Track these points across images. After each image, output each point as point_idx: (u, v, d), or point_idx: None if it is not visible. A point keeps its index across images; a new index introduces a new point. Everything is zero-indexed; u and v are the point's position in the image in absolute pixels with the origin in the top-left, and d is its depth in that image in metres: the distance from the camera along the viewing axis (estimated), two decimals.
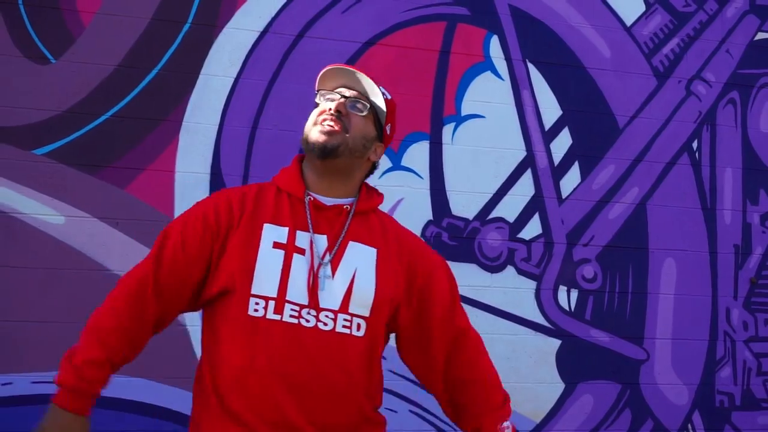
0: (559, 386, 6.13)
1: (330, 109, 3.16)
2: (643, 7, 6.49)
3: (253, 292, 3.03)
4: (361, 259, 3.12)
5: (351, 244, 3.13)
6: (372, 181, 5.81)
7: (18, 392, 5.26)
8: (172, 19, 5.60)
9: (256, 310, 3.02)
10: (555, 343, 6.14)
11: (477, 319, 5.97)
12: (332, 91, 3.25)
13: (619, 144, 6.35)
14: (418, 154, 5.96)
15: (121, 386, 5.34)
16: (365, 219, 3.22)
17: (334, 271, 3.07)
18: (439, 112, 6.03)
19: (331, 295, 3.05)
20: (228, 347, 3.05)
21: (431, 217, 5.94)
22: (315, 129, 3.14)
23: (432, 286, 3.27)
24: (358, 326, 3.08)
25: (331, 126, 3.13)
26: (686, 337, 6.37)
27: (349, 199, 3.23)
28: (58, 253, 5.35)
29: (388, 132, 3.36)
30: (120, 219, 5.44)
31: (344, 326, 3.05)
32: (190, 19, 5.63)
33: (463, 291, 5.81)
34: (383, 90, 3.29)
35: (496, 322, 6.03)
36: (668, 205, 6.39)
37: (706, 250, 6.46)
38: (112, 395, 5.35)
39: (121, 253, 5.42)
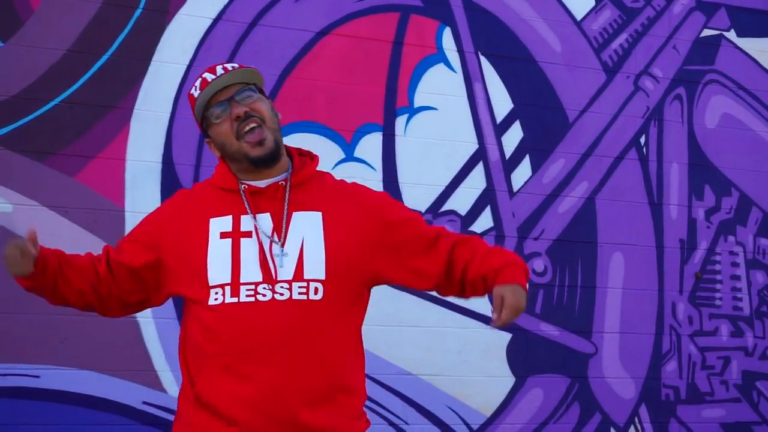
0: (509, 380, 6.12)
1: (238, 117, 3.14)
2: (592, 2, 6.52)
3: (210, 284, 3.11)
4: (307, 226, 3.16)
5: (295, 214, 3.17)
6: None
7: None
8: (123, 4, 5.48)
9: (216, 299, 3.09)
10: (505, 337, 6.13)
11: (428, 312, 5.95)
12: (217, 103, 3.19)
13: (569, 138, 6.37)
14: (370, 146, 5.92)
15: (72, 379, 5.22)
16: (304, 187, 3.23)
17: (282, 243, 3.12)
18: (392, 104, 5.99)
19: (283, 267, 3.10)
20: (196, 337, 3.14)
21: None
22: (244, 145, 3.14)
23: (391, 229, 3.24)
24: (315, 290, 3.10)
25: (256, 132, 3.14)
26: (633, 331, 6.40)
27: (283, 174, 3.22)
28: (5, 241, 5.18)
29: (261, 83, 3.34)
30: (69, 207, 5.31)
31: (300, 293, 3.08)
32: (141, 5, 5.52)
33: None
34: (232, 65, 3.25)
35: (447, 315, 6.00)
36: (617, 200, 6.42)
37: (653, 244, 6.50)
38: (63, 389, 5.22)
39: (70, 241, 5.26)
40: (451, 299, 5.88)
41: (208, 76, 3.19)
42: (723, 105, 6.78)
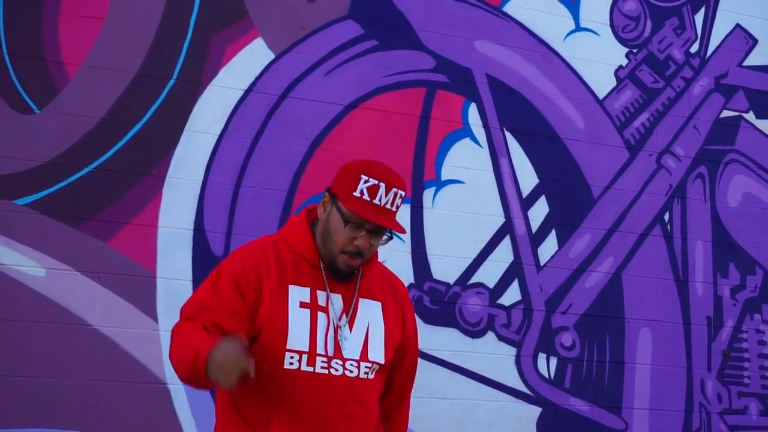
0: None
1: (357, 246, 3.35)
2: (614, 82, 6.60)
3: (288, 347, 3.33)
4: (371, 314, 3.49)
5: (361, 301, 3.48)
6: None
7: None
8: (157, 75, 5.55)
9: (291, 364, 3.33)
10: (536, 411, 6.07)
11: (459, 385, 5.91)
12: (364, 221, 3.35)
13: (594, 213, 6.39)
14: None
15: None
16: (369, 276, 3.53)
17: (351, 326, 3.43)
18: (420, 176, 6.03)
19: (351, 346, 3.41)
20: (262, 398, 3.35)
21: (413, 280, 5.89)
22: (341, 258, 3.38)
23: (408, 345, 3.67)
24: (374, 371, 3.46)
25: (357, 263, 3.40)
26: (663, 407, 6.34)
27: None
28: (38, 306, 5.19)
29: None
30: (102, 273, 5.30)
31: (365, 372, 3.42)
32: (175, 75, 5.59)
33: (445, 356, 5.82)
34: (401, 193, 3.46)
35: (478, 388, 5.96)
36: (642, 276, 6.42)
37: (680, 321, 6.48)
38: None
39: (102, 307, 5.28)
40: (480, 371, 5.89)
41: (380, 195, 3.35)
42: (744, 184, 6.83)
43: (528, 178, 6.29)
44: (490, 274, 6.10)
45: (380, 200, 3.35)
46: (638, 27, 6.72)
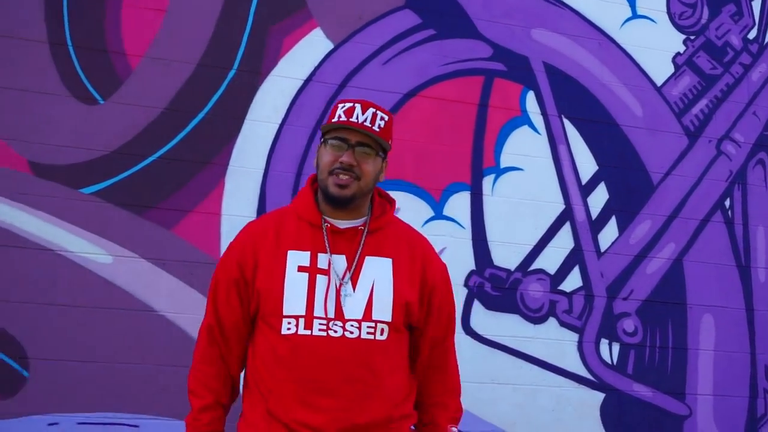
0: None
1: (341, 162, 3.36)
2: (672, 69, 6.59)
3: (284, 313, 3.33)
4: (378, 271, 3.41)
5: (368, 258, 3.41)
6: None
7: None
8: (218, 65, 5.62)
9: (288, 329, 3.33)
10: (599, 397, 6.05)
11: (521, 370, 5.91)
12: (340, 138, 3.39)
13: (654, 200, 6.38)
14: (459, 205, 5.96)
15: (170, 429, 5.21)
16: (380, 234, 3.47)
17: (354, 285, 3.37)
18: (479, 164, 6.05)
19: (354, 306, 3.35)
20: (267, 364, 3.36)
21: (474, 267, 5.91)
22: (330, 180, 3.38)
23: (434, 300, 3.52)
24: (382, 331, 3.36)
25: (346, 179, 3.36)
26: (727, 393, 6.30)
27: (363, 219, 3.47)
28: (105, 292, 5.27)
29: (389, 148, 3.53)
30: (166, 260, 5.37)
31: (368, 333, 3.34)
32: (235, 66, 5.66)
33: (507, 342, 5.82)
34: (382, 114, 3.44)
35: (541, 374, 5.96)
36: (704, 262, 6.39)
37: (743, 306, 6.43)
38: None
39: (167, 293, 5.35)
40: (542, 357, 5.89)
41: (357, 113, 3.38)
42: None
43: (587, 165, 6.29)
44: (550, 260, 6.10)
45: (357, 118, 3.38)
46: (695, 14, 6.71)
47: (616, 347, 6.13)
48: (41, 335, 5.13)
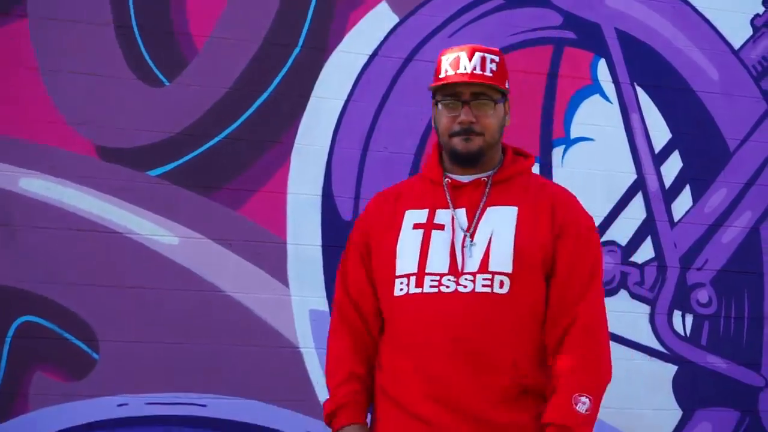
0: (677, 413, 5.98)
1: (460, 123, 3.16)
2: (750, 31, 6.41)
3: (397, 273, 3.14)
4: (499, 221, 3.14)
5: (489, 209, 3.16)
6: None
7: (133, 413, 5.23)
8: (283, 43, 5.62)
9: (401, 290, 3.12)
10: (671, 369, 6.00)
11: None
12: (452, 95, 3.23)
13: (730, 167, 6.25)
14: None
15: (238, 408, 5.30)
16: (507, 184, 3.22)
17: (472, 237, 3.12)
18: (549, 135, 5.98)
19: (470, 260, 3.09)
20: (391, 326, 3.18)
21: None
22: (454, 140, 3.18)
23: (561, 242, 3.16)
24: (501, 283, 3.07)
25: (469, 139, 3.16)
26: None
27: (488, 172, 3.24)
28: (172, 273, 5.34)
29: (508, 90, 3.34)
30: (233, 240, 5.42)
31: (484, 285, 3.06)
32: (300, 43, 5.65)
33: None
34: (491, 56, 3.27)
35: (612, 347, 5.82)
36: None
37: None
38: (229, 417, 5.31)
39: (234, 274, 5.40)
40: (613, 330, 5.84)
41: (463, 64, 3.21)
42: None
43: (660, 133, 6.17)
44: (622, 231, 6.03)
45: (465, 68, 3.19)
46: None
47: (689, 319, 6.07)
48: (110, 318, 5.23)
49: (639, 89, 6.17)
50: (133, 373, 5.23)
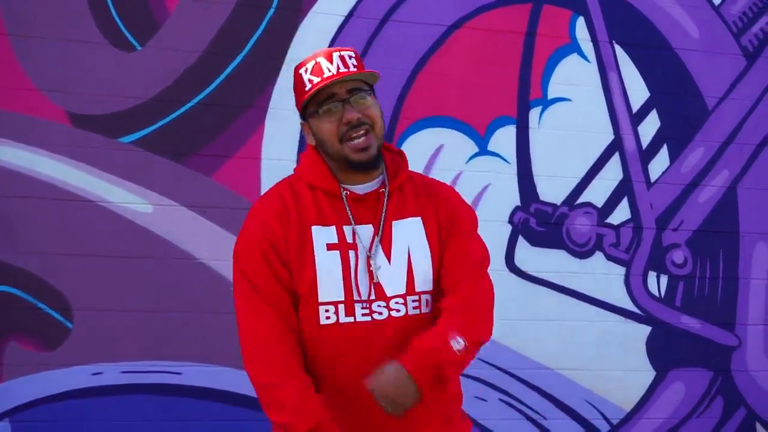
0: (650, 374, 6.03)
1: (348, 122, 2.97)
2: None
3: (320, 300, 2.97)
4: (410, 236, 3.04)
5: (395, 224, 3.03)
6: (458, 167, 5.74)
7: (107, 382, 5.24)
8: (256, 4, 5.53)
9: (327, 318, 2.97)
10: (645, 330, 6.03)
11: (566, 306, 5.89)
12: (330, 98, 3.00)
13: (709, 126, 6.22)
14: (504, 139, 5.87)
15: (213, 376, 5.33)
16: (401, 193, 3.10)
17: (388, 255, 3.00)
18: (526, 96, 5.93)
19: (393, 280, 2.99)
20: (311, 355, 3.00)
21: (519, 203, 5.85)
22: (347, 148, 2.98)
23: (452, 233, 3.09)
24: (426, 302, 3.02)
25: (363, 139, 2.98)
26: None
27: (379, 179, 3.08)
28: (146, 241, 5.32)
29: (378, 77, 3.15)
30: (207, 206, 5.39)
31: (414, 307, 2.99)
32: (274, 4, 5.56)
33: (552, 277, 5.79)
34: (347, 53, 3.04)
35: (586, 309, 5.94)
36: (759, 188, 6.26)
37: None
38: (205, 385, 5.33)
39: (208, 241, 5.38)
40: (588, 292, 5.87)
41: (325, 66, 2.98)
42: None
43: (638, 92, 6.13)
44: (598, 193, 6.02)
45: (329, 69, 2.96)
46: None
47: (664, 279, 6.08)
48: (84, 286, 5.22)
49: (618, 47, 6.11)
50: (107, 341, 5.23)
